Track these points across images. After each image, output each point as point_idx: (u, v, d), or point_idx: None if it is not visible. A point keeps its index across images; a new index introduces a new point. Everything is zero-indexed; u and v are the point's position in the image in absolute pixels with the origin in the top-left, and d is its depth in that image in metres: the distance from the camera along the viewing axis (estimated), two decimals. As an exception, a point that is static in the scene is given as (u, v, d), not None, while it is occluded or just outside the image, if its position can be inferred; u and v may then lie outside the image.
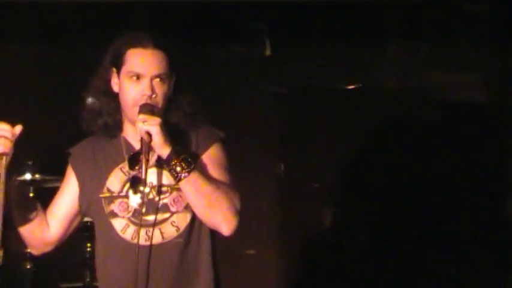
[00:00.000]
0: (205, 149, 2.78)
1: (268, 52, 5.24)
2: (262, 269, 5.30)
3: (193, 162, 2.68)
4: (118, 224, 2.79)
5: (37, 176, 4.58)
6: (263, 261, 5.26)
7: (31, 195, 3.48)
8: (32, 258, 4.69)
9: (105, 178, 2.81)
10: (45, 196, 2.98)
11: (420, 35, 5.37)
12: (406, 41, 5.41)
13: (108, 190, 2.81)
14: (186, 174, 2.64)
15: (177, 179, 2.66)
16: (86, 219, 3.01)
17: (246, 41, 5.32)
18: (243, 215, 2.94)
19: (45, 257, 4.17)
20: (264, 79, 5.31)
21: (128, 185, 2.75)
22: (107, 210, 2.79)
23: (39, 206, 2.80)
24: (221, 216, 2.71)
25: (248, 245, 5.21)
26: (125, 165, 2.78)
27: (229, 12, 5.12)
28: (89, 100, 2.84)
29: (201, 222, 2.74)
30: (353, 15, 5.06)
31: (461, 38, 5.27)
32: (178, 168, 2.66)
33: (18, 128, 2.62)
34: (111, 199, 2.80)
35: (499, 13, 5.14)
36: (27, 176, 4.56)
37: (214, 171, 2.76)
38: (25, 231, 2.79)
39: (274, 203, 5.22)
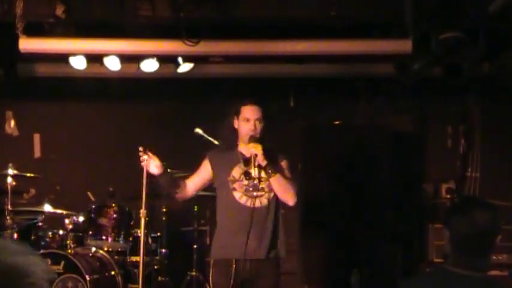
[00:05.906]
0: (282, 160, 3.80)
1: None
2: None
3: (277, 169, 3.67)
4: (237, 194, 3.70)
5: (176, 170, 4.75)
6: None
7: (176, 176, 4.22)
8: (166, 213, 5.71)
9: (231, 169, 3.73)
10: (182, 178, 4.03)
11: None
12: None
13: (233, 176, 3.74)
14: (273, 174, 3.64)
15: (269, 177, 3.63)
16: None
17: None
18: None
19: (171, 211, 5.39)
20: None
21: (242, 175, 3.70)
22: (231, 187, 3.71)
23: (180, 181, 3.92)
24: (289, 196, 3.68)
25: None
26: (241, 164, 3.72)
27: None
28: (222, 132, 3.88)
29: (276, 198, 3.71)
30: None
31: None
32: (269, 171, 3.62)
33: (151, 154, 3.68)
34: (234, 181, 3.71)
35: None
36: (173, 171, 4.63)
37: (286, 172, 3.76)
38: (176, 192, 3.89)
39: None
